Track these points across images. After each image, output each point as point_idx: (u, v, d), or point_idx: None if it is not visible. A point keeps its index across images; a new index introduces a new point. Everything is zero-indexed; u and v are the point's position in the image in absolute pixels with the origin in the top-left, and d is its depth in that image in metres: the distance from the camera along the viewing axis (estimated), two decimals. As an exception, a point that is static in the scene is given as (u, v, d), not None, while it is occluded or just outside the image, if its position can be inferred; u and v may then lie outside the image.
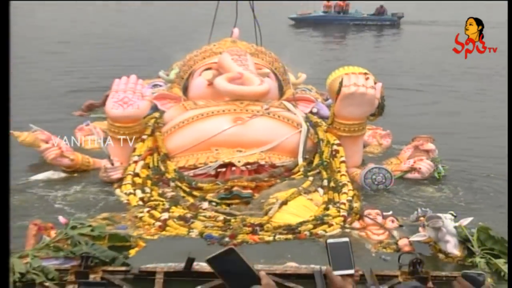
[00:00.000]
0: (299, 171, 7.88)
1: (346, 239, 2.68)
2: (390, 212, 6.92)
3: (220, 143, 8.05)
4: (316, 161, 8.13)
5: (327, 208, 7.02)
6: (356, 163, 8.51)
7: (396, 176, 8.19)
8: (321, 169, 7.93)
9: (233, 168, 7.73)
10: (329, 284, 2.65)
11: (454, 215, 6.30)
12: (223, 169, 7.77)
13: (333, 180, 7.67)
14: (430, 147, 8.95)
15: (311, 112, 9.28)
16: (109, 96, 8.43)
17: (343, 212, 6.88)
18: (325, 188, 7.56)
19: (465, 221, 6.19)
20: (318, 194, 7.44)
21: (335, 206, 7.04)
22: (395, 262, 5.70)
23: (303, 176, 7.77)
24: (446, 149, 9.32)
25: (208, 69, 9.54)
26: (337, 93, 8.32)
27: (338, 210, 6.94)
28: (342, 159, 8.11)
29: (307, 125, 8.48)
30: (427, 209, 6.62)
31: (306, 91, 10.90)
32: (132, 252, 5.94)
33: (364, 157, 8.88)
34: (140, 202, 7.12)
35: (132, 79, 8.49)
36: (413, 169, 8.43)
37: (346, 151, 8.25)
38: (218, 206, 7.08)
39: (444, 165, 8.60)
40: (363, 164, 8.53)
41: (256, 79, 8.93)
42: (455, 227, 6.11)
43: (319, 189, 7.53)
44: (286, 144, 8.21)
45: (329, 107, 9.20)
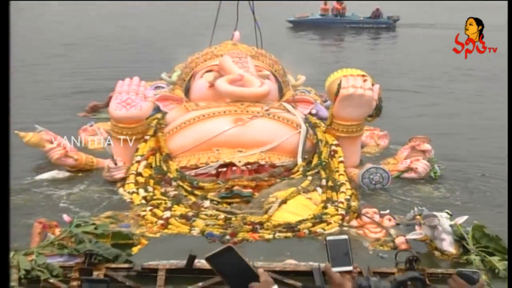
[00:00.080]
0: (298, 171, 7.89)
1: (345, 237, 2.67)
2: (387, 211, 6.94)
3: (221, 143, 8.06)
4: (315, 161, 8.13)
5: (326, 207, 7.03)
6: (354, 163, 8.51)
7: (393, 176, 8.19)
8: (320, 169, 7.93)
9: (234, 168, 7.75)
10: (328, 281, 2.65)
11: (450, 213, 6.32)
12: (224, 169, 7.78)
13: (332, 180, 7.68)
14: (427, 147, 8.95)
15: (310, 113, 9.27)
16: (112, 98, 8.43)
17: (341, 211, 6.90)
18: (323, 187, 7.56)
19: (460, 220, 6.20)
20: (317, 193, 7.44)
21: (334, 205, 7.05)
22: (392, 260, 5.72)
23: (302, 175, 7.78)
24: (442, 149, 9.30)
25: (210, 71, 9.54)
26: (336, 94, 8.33)
27: (337, 208, 6.95)
28: (341, 159, 8.12)
29: (306, 126, 8.49)
30: (423, 208, 6.64)
31: (305, 92, 10.92)
32: (135, 249, 5.97)
33: (362, 157, 8.89)
34: (143, 201, 7.14)
35: (135, 81, 8.50)
36: (410, 169, 8.43)
37: (344, 151, 8.26)
38: (219, 205, 7.09)
39: (440, 165, 8.60)
40: (361, 164, 8.53)
41: (256, 81, 8.93)
42: (450, 225, 6.13)
43: (318, 189, 7.54)
44: (285, 145, 8.22)
45: (328, 108, 9.20)
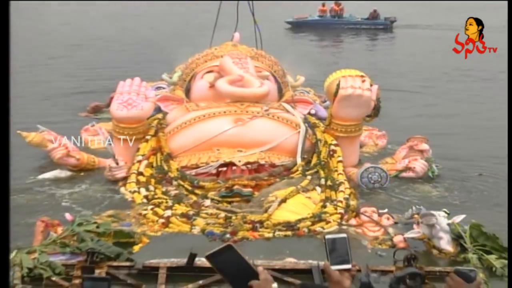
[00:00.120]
0: (297, 170, 7.89)
1: (344, 235, 2.67)
2: (386, 210, 6.94)
3: (221, 143, 8.06)
4: (314, 160, 8.14)
5: (325, 206, 7.04)
6: (353, 163, 8.52)
7: (391, 175, 8.19)
8: (319, 168, 7.94)
9: (234, 168, 7.76)
10: (327, 279, 2.66)
11: (448, 212, 6.32)
12: (224, 168, 7.79)
13: (331, 179, 7.68)
14: (424, 147, 8.95)
15: (309, 114, 9.27)
16: (114, 98, 8.45)
17: (340, 210, 6.91)
18: (322, 186, 7.57)
19: (458, 218, 6.20)
20: (316, 192, 7.45)
21: (333, 204, 7.06)
22: (390, 258, 5.73)
23: (302, 175, 7.78)
24: (440, 149, 9.30)
25: (210, 72, 9.55)
26: (335, 95, 8.33)
27: (336, 207, 6.96)
28: (339, 158, 8.12)
29: (306, 126, 8.50)
30: (421, 207, 6.65)
31: (304, 93, 10.92)
32: (136, 248, 5.98)
33: (361, 156, 8.89)
34: (144, 200, 7.14)
35: (136, 82, 8.51)
36: (408, 169, 8.43)
37: (343, 151, 8.26)
38: (219, 204, 7.09)
39: (438, 165, 8.60)
40: (359, 164, 8.53)
41: (256, 81, 8.93)
42: (448, 224, 6.12)
43: (317, 188, 7.54)
44: (285, 144, 8.22)
45: (327, 108, 9.21)
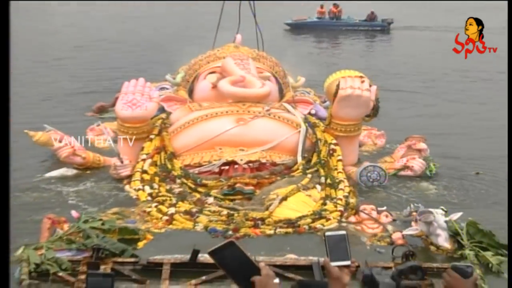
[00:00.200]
0: (298, 169, 7.89)
1: (343, 232, 2.66)
2: (384, 208, 6.92)
3: (223, 142, 8.06)
4: (314, 159, 8.13)
5: (325, 204, 7.04)
6: (352, 162, 8.51)
7: (390, 174, 8.19)
8: (319, 167, 7.94)
9: (236, 166, 7.76)
10: (326, 275, 2.65)
11: (445, 210, 6.32)
12: (227, 167, 7.79)
13: (330, 177, 7.68)
14: (422, 146, 8.95)
15: (309, 113, 9.27)
16: (118, 98, 8.45)
17: (340, 207, 6.90)
18: (322, 184, 7.56)
19: (455, 216, 6.20)
20: (316, 191, 7.45)
21: (332, 202, 7.06)
22: (389, 254, 5.73)
23: (302, 173, 7.78)
24: (438, 148, 9.30)
25: (212, 72, 9.56)
26: (334, 95, 8.33)
27: (335, 205, 6.96)
28: (339, 157, 8.12)
29: (306, 126, 8.50)
30: (419, 205, 6.64)
31: (305, 93, 10.93)
32: (141, 244, 5.98)
33: (360, 155, 8.88)
34: (149, 198, 7.15)
35: (140, 82, 8.51)
36: (406, 167, 8.43)
37: (342, 150, 8.26)
38: (222, 202, 7.09)
39: (435, 163, 8.59)
40: (358, 163, 8.52)
41: (257, 82, 8.94)
42: (445, 221, 6.12)
43: (317, 186, 7.54)
44: (286, 144, 8.22)
45: (327, 108, 9.21)
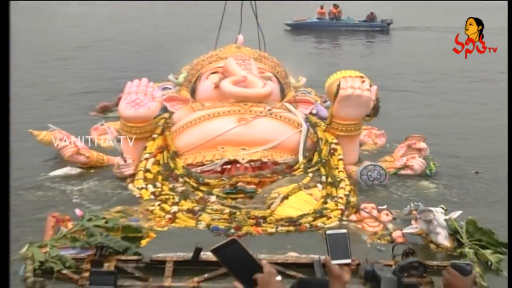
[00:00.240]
0: (299, 168, 7.89)
1: (344, 231, 2.66)
2: (385, 206, 6.93)
3: (225, 141, 8.06)
4: (316, 158, 8.13)
5: (326, 202, 7.04)
6: (353, 161, 8.51)
7: (390, 173, 8.19)
8: (320, 166, 7.93)
9: (238, 165, 7.76)
10: (327, 273, 2.65)
11: (445, 208, 6.32)
12: (229, 166, 7.78)
13: (331, 176, 7.68)
14: (422, 145, 8.94)
15: (310, 113, 9.28)
16: (122, 98, 8.46)
17: (340, 206, 6.91)
18: (323, 183, 7.56)
19: (454, 214, 6.21)
20: (317, 189, 7.45)
21: (333, 200, 7.06)
22: (389, 252, 5.74)
23: (303, 172, 7.78)
24: (437, 148, 9.29)
25: (215, 73, 9.56)
26: (335, 95, 8.33)
27: (336, 204, 6.96)
28: (340, 156, 8.11)
29: (307, 125, 8.49)
30: (419, 203, 6.64)
31: (306, 93, 10.94)
32: (144, 242, 5.99)
33: (360, 155, 8.87)
34: (152, 196, 7.15)
35: (143, 82, 8.52)
36: (406, 166, 8.43)
37: (343, 149, 8.26)
38: (224, 200, 7.09)
39: (435, 163, 8.59)
40: (359, 162, 8.52)
41: (259, 82, 8.94)
42: (445, 220, 6.12)
43: (318, 185, 7.54)
44: (287, 143, 8.22)
45: (328, 108, 9.21)
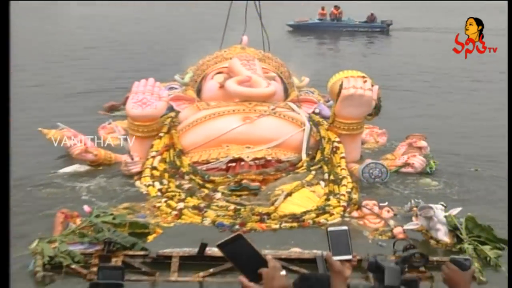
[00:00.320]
0: (302, 165, 7.89)
1: (345, 227, 2.65)
2: (386, 203, 6.93)
3: (230, 140, 8.07)
4: (318, 156, 8.13)
5: (328, 199, 7.04)
6: (355, 159, 8.50)
7: (391, 171, 8.17)
8: (322, 164, 7.93)
9: (242, 163, 7.76)
10: (329, 268, 2.65)
11: (444, 205, 6.32)
12: (233, 164, 7.79)
13: (334, 174, 7.67)
14: (423, 144, 8.92)
15: (313, 112, 9.29)
16: (129, 97, 8.47)
17: (343, 203, 6.91)
18: (326, 181, 7.57)
19: (454, 211, 6.20)
20: (320, 187, 7.45)
21: (336, 197, 7.06)
22: (390, 248, 5.73)
23: (306, 170, 7.78)
24: (438, 146, 9.27)
25: (220, 73, 9.57)
26: (338, 94, 8.33)
27: (339, 200, 6.96)
28: (342, 155, 8.10)
29: (310, 124, 8.49)
30: (419, 200, 6.64)
31: (309, 93, 10.92)
32: (150, 238, 6.01)
33: (362, 153, 8.87)
34: (159, 193, 7.16)
35: (150, 82, 8.53)
36: (407, 164, 8.41)
37: (345, 147, 8.25)
38: (229, 197, 7.10)
39: (435, 161, 8.57)
40: (361, 160, 8.51)
41: (263, 82, 8.95)
42: (445, 216, 6.12)
43: (321, 182, 7.54)
44: (290, 141, 8.22)
45: (330, 108, 9.21)
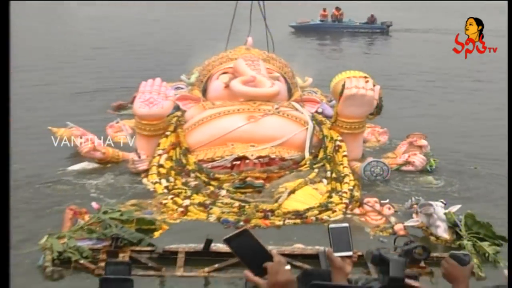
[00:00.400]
0: (305, 164, 7.89)
1: (346, 225, 2.65)
2: (387, 200, 6.93)
3: (235, 138, 8.07)
4: (321, 155, 8.13)
5: (331, 196, 7.05)
6: (357, 157, 8.49)
7: (392, 169, 8.17)
8: (325, 162, 7.93)
9: (247, 161, 7.77)
10: (330, 264, 2.66)
11: (444, 203, 6.32)
12: (238, 162, 7.80)
13: (336, 172, 7.68)
14: (423, 143, 8.92)
15: (316, 112, 9.29)
16: (136, 97, 8.49)
17: (345, 200, 6.92)
18: (328, 178, 7.57)
19: (454, 208, 6.20)
20: (322, 184, 7.46)
21: (338, 195, 7.07)
22: (391, 244, 5.71)
23: (309, 168, 7.78)
24: (438, 145, 9.26)
25: (225, 73, 9.58)
26: (340, 94, 8.32)
27: (341, 198, 6.97)
28: (344, 153, 8.11)
29: (313, 123, 8.49)
30: (419, 198, 6.64)
31: (312, 93, 10.93)
32: (157, 234, 6.02)
33: (364, 151, 8.86)
34: (165, 190, 7.18)
35: (157, 82, 8.54)
36: (408, 163, 8.41)
37: (347, 146, 8.25)
38: (233, 194, 7.11)
39: (435, 159, 8.57)
40: (362, 158, 8.51)
41: (267, 82, 8.95)
42: (445, 213, 6.12)
43: (324, 180, 7.54)
44: (294, 140, 8.22)
45: (333, 107, 9.20)
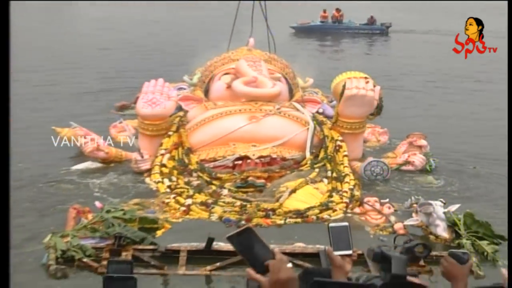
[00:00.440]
0: (306, 163, 7.89)
1: (346, 224, 2.65)
2: (387, 200, 6.93)
3: (236, 138, 8.08)
4: (322, 155, 8.13)
5: (331, 196, 7.05)
6: (357, 157, 8.50)
7: (392, 169, 8.17)
8: (326, 161, 7.93)
9: (248, 161, 7.77)
10: (330, 263, 2.66)
11: (444, 202, 6.32)
12: (240, 162, 7.80)
13: (337, 171, 7.67)
14: (423, 143, 8.92)
15: (317, 112, 9.29)
16: (139, 97, 8.50)
17: (345, 199, 6.92)
18: (329, 178, 7.56)
19: (453, 208, 6.20)
20: (323, 184, 7.45)
21: (338, 194, 7.07)
22: (390, 243, 5.71)
23: (310, 168, 7.78)
24: (437, 145, 9.26)
25: (227, 74, 9.58)
26: (341, 95, 8.33)
27: (341, 197, 6.97)
28: (345, 153, 8.11)
29: (314, 123, 8.49)
30: (419, 197, 6.64)
31: (313, 93, 10.94)
32: (159, 233, 6.02)
33: (364, 151, 8.87)
34: (168, 190, 7.18)
35: (159, 82, 8.54)
36: (408, 162, 8.41)
37: (348, 146, 8.25)
38: (235, 194, 7.11)
39: (435, 159, 8.57)
40: (363, 158, 8.51)
41: (269, 82, 8.96)
42: (444, 212, 6.12)
43: (324, 179, 7.54)
44: (295, 140, 8.22)
45: (333, 107, 9.21)
